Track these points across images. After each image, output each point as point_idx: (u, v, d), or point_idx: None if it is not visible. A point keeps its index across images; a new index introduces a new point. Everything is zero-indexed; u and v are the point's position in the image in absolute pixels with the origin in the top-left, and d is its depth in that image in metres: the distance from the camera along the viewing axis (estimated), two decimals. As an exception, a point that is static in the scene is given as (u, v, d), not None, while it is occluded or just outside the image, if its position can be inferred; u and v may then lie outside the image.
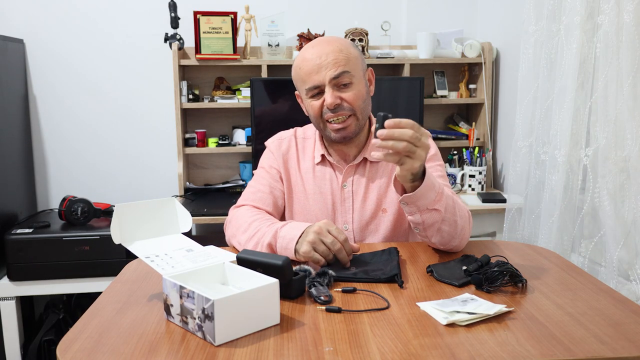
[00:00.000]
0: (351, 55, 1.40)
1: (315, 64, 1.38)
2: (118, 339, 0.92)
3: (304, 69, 1.40)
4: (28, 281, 2.27)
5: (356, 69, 1.40)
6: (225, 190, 2.75)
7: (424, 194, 1.18)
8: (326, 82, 1.37)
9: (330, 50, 1.38)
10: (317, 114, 1.42)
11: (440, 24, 2.91)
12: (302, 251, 1.21)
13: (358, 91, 1.40)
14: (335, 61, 1.37)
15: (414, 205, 1.21)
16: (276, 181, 1.53)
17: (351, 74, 1.38)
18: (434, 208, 1.22)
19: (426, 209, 1.22)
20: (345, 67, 1.38)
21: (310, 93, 1.41)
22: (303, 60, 1.41)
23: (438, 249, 1.36)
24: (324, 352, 0.86)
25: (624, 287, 1.62)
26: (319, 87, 1.39)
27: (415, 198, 1.19)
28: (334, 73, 1.37)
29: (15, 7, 2.71)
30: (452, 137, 2.83)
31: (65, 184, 2.85)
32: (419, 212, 1.22)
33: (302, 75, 1.41)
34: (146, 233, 1.19)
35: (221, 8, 2.70)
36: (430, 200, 1.20)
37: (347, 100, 1.39)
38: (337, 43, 1.41)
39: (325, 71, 1.37)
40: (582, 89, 1.80)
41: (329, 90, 1.38)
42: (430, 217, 1.23)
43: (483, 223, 2.44)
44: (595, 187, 1.73)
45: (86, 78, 2.80)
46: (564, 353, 0.85)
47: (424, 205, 1.21)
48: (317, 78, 1.38)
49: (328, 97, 1.37)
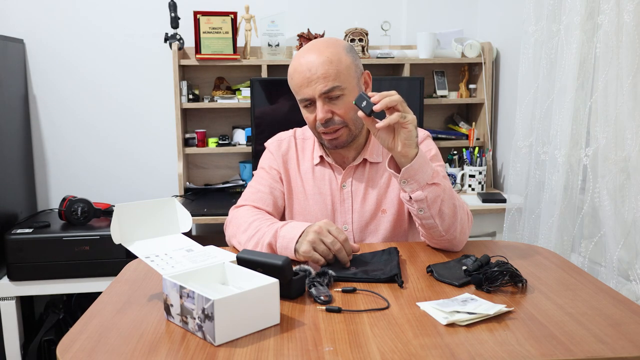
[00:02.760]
0: (342, 65, 1.36)
1: (305, 77, 1.36)
2: (118, 339, 0.92)
3: (295, 80, 1.40)
4: (28, 281, 2.27)
5: (347, 79, 1.37)
6: (225, 190, 2.75)
7: (421, 166, 1.23)
8: (316, 96, 1.37)
9: (320, 63, 1.35)
10: (312, 126, 1.45)
11: (440, 24, 2.91)
12: (302, 251, 1.21)
13: (349, 103, 1.38)
14: (325, 75, 1.35)
15: (413, 181, 1.24)
16: (276, 182, 1.53)
17: (341, 87, 1.36)
18: (434, 182, 1.25)
19: (426, 184, 1.24)
20: (335, 81, 1.35)
21: (302, 103, 1.42)
22: (294, 70, 1.40)
23: (438, 248, 1.36)
24: (324, 352, 0.86)
25: (624, 287, 1.62)
26: (310, 100, 1.39)
27: (414, 170, 1.22)
28: (324, 88, 1.35)
29: (15, 7, 2.71)
30: (452, 137, 2.83)
31: (65, 184, 2.85)
32: (420, 188, 1.24)
33: (294, 86, 1.42)
34: (146, 233, 1.19)
35: (221, 8, 2.70)
36: (428, 174, 1.24)
37: (338, 114, 1.39)
38: (328, 52, 1.37)
39: (315, 85, 1.36)
40: (582, 89, 1.80)
41: (320, 105, 1.37)
42: (432, 192, 1.25)
43: (483, 223, 2.44)
44: (595, 187, 1.73)
45: (86, 78, 2.80)
46: (564, 353, 0.85)
47: (424, 180, 1.24)
48: (308, 92, 1.37)
49: (319, 113, 1.38)
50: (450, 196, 1.30)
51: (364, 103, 1.22)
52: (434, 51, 2.74)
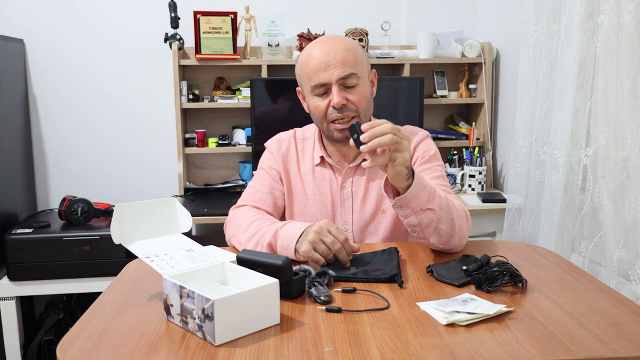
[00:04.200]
0: (358, 56, 1.40)
1: (323, 62, 1.37)
2: (118, 339, 0.92)
3: (310, 66, 1.39)
4: (28, 281, 2.27)
5: (362, 70, 1.41)
6: (225, 190, 2.75)
7: (416, 194, 1.18)
8: (333, 82, 1.37)
9: (338, 49, 1.37)
10: (322, 114, 1.42)
11: (440, 24, 2.91)
12: (302, 250, 1.21)
13: (363, 93, 1.40)
14: (344, 61, 1.37)
15: (407, 208, 1.21)
16: (276, 182, 1.53)
17: (358, 76, 1.39)
18: (428, 208, 1.21)
19: (420, 210, 1.21)
20: (353, 68, 1.37)
21: (315, 91, 1.40)
22: (310, 56, 1.40)
23: (438, 249, 1.36)
24: (324, 352, 0.86)
25: (624, 287, 1.62)
26: (325, 86, 1.38)
27: (408, 200, 1.18)
28: (342, 74, 1.36)
29: (15, 7, 2.71)
30: (452, 137, 2.83)
31: (65, 184, 2.85)
32: (413, 214, 1.22)
33: (308, 72, 1.40)
34: (146, 233, 1.19)
35: (221, 8, 2.70)
36: (423, 200, 1.20)
37: (352, 101, 1.39)
38: (346, 42, 1.40)
39: (333, 70, 1.36)
40: (582, 89, 1.80)
41: (336, 90, 1.37)
42: (426, 217, 1.23)
43: (483, 223, 2.44)
44: (595, 187, 1.73)
45: (86, 78, 2.80)
46: (564, 353, 0.85)
47: (418, 206, 1.20)
48: (324, 76, 1.37)
49: (335, 97, 1.37)
50: (447, 212, 1.25)
51: (355, 135, 1.16)
52: (434, 51, 2.74)
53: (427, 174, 1.46)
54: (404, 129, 1.55)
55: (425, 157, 1.49)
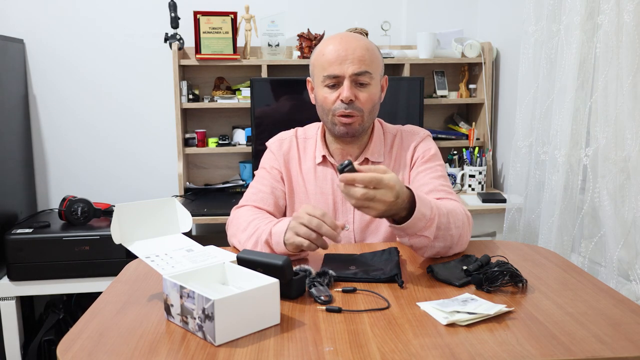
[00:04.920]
0: (375, 58, 1.42)
1: (341, 55, 1.38)
2: (118, 339, 0.92)
3: (327, 56, 1.40)
4: (28, 281, 2.27)
5: (376, 72, 1.42)
6: (225, 190, 2.75)
7: (412, 225, 1.16)
8: (347, 75, 1.38)
9: (358, 46, 1.39)
10: (329, 106, 1.42)
11: (440, 24, 2.91)
12: (286, 239, 1.21)
13: (372, 94, 1.41)
14: (361, 58, 1.38)
15: (403, 234, 1.20)
16: (277, 181, 1.53)
17: (371, 76, 1.40)
18: (422, 235, 1.19)
19: (415, 235, 1.20)
20: (369, 67, 1.39)
21: (327, 82, 1.41)
22: (328, 47, 1.41)
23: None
24: (324, 352, 0.86)
25: (624, 287, 1.62)
26: (338, 78, 1.39)
27: (402, 229, 1.17)
28: (357, 69, 1.37)
29: (15, 7, 2.71)
30: (452, 137, 2.83)
31: (65, 184, 2.85)
32: (407, 237, 1.21)
33: (323, 62, 1.40)
34: (146, 233, 1.19)
35: (221, 8, 2.70)
36: (419, 227, 1.18)
37: (360, 100, 1.40)
38: (367, 42, 1.42)
39: (348, 64, 1.37)
40: (582, 89, 1.80)
41: (347, 84, 1.38)
42: (419, 242, 1.22)
43: (483, 223, 2.44)
44: (595, 187, 1.73)
45: (86, 78, 2.80)
46: (564, 353, 0.85)
47: (413, 232, 1.19)
48: (340, 68, 1.38)
49: (345, 91, 1.38)
50: (445, 229, 1.23)
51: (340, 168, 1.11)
52: (434, 51, 2.74)
53: (427, 173, 1.46)
54: (405, 129, 1.56)
55: (425, 156, 1.49)
